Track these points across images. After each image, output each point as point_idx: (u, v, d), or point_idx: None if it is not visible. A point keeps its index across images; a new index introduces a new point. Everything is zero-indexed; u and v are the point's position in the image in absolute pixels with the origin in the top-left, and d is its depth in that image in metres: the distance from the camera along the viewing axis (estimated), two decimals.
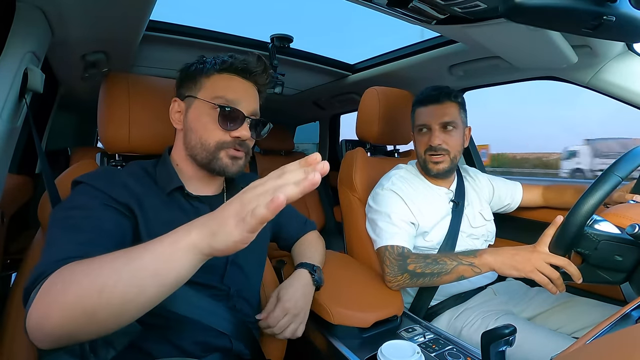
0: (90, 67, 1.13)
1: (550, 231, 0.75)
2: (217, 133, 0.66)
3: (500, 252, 0.80)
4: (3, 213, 0.95)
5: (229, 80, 0.68)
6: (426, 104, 1.02)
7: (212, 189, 0.73)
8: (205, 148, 0.66)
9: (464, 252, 0.86)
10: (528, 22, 0.67)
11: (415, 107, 1.06)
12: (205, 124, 0.66)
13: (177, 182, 0.67)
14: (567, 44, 0.93)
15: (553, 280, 0.73)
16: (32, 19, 0.69)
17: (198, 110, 0.67)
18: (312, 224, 0.99)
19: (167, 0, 1.91)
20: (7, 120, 0.63)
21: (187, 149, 0.69)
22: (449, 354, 0.69)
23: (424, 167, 1.04)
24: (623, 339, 0.36)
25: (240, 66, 0.68)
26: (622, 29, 0.63)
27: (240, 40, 1.36)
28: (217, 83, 0.67)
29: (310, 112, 2.38)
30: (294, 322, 0.69)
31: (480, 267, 0.81)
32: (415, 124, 1.06)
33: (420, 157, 1.05)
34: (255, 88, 0.72)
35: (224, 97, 0.66)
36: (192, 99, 0.68)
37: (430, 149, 1.00)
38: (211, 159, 0.66)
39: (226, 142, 0.66)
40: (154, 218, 0.61)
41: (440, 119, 0.99)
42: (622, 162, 0.70)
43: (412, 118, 1.09)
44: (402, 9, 0.82)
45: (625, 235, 0.66)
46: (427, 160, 1.02)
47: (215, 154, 0.66)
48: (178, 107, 0.70)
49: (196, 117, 0.67)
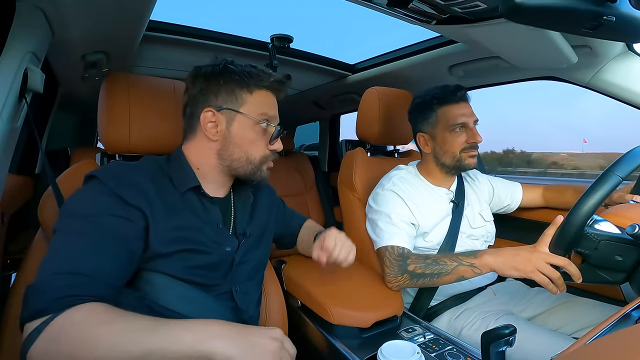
0: (90, 67, 1.13)
1: (550, 231, 0.75)
2: (262, 148, 0.70)
3: (500, 252, 0.80)
4: (3, 213, 0.95)
5: (267, 96, 0.71)
6: (457, 101, 1.00)
7: (222, 191, 0.74)
8: (251, 162, 0.69)
9: (465, 252, 0.86)
10: (528, 22, 0.67)
11: (440, 105, 1.01)
12: (252, 140, 0.69)
13: (195, 182, 0.67)
14: (567, 44, 0.93)
15: (554, 280, 0.73)
16: (32, 19, 0.69)
17: (243, 125, 0.68)
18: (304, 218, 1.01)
19: (167, 0, 1.92)
20: (7, 120, 0.63)
21: (225, 160, 0.69)
22: (449, 354, 0.69)
23: (458, 166, 1.02)
24: (623, 339, 0.36)
25: (277, 86, 0.72)
26: (622, 29, 0.63)
27: (241, 40, 1.36)
28: (261, 99, 0.69)
29: (310, 112, 2.38)
30: (345, 246, 0.77)
31: (481, 268, 0.81)
32: (449, 123, 1.00)
33: (454, 157, 1.01)
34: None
35: (267, 113, 0.69)
36: (233, 112, 0.67)
37: (467, 147, 1.00)
38: (255, 172, 0.70)
39: (268, 156, 0.71)
40: (166, 220, 0.61)
41: (473, 116, 1.00)
42: (623, 161, 0.70)
43: (433, 117, 1.03)
44: (402, 9, 0.82)
45: (625, 236, 0.66)
46: (464, 158, 1.01)
47: (259, 167, 0.70)
48: (213, 118, 0.67)
49: (242, 133, 0.68)
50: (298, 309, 0.91)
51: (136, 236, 0.57)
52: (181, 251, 0.61)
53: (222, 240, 0.68)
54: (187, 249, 0.62)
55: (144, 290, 0.59)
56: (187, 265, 0.62)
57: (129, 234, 0.56)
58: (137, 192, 0.59)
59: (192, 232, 0.63)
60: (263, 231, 0.79)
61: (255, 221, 0.77)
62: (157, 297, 0.59)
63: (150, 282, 0.60)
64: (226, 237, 0.69)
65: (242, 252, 0.71)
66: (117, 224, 0.56)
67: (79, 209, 0.56)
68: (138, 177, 0.62)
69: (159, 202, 0.61)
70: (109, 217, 0.55)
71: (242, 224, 0.74)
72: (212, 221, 0.68)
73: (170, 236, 0.60)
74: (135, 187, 0.60)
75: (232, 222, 0.73)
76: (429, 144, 1.05)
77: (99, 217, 0.55)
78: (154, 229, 0.59)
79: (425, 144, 1.06)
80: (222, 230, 0.69)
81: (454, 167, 1.03)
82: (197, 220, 0.65)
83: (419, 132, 1.07)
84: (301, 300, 0.91)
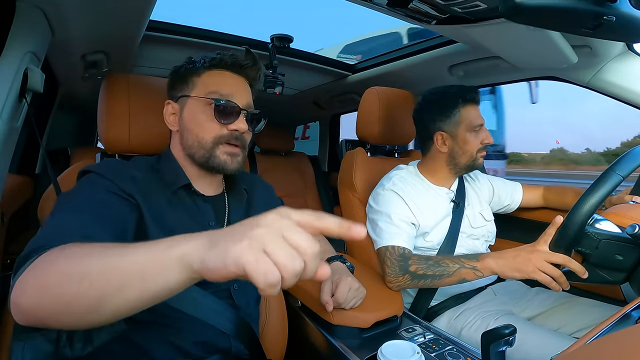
0: (90, 67, 1.13)
1: (551, 230, 0.74)
2: (214, 128, 0.65)
3: (501, 255, 0.80)
4: (3, 213, 0.95)
5: (220, 75, 0.68)
6: (478, 102, 1.02)
7: (213, 189, 0.73)
8: (202, 145, 0.66)
9: (467, 255, 0.85)
10: (528, 22, 0.67)
11: (464, 104, 1.00)
12: (202, 122, 0.66)
13: (185, 180, 0.67)
14: (567, 44, 0.93)
15: (555, 278, 0.73)
16: (32, 19, 0.69)
17: (193, 109, 0.67)
18: None
19: (167, 0, 1.90)
20: (7, 120, 0.63)
21: (185, 149, 0.69)
22: (449, 354, 0.69)
23: (472, 165, 1.03)
24: (623, 339, 0.36)
25: (229, 61, 0.69)
26: (622, 29, 0.63)
27: (241, 40, 1.36)
28: (209, 79, 0.68)
29: (310, 112, 2.38)
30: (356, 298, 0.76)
31: (483, 271, 0.81)
32: (473, 123, 0.99)
33: (472, 157, 1.01)
34: (246, 82, 0.72)
35: (218, 91, 0.66)
36: (185, 98, 0.68)
37: (482, 148, 1.01)
38: (209, 157, 0.66)
39: (223, 136, 0.66)
40: (159, 218, 0.61)
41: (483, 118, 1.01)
42: (623, 161, 0.70)
43: (456, 116, 1.00)
44: (402, 9, 0.82)
45: (626, 235, 0.66)
46: (478, 157, 1.02)
47: (213, 150, 0.66)
48: (172, 109, 0.70)
49: (192, 116, 0.67)
50: (298, 309, 0.91)
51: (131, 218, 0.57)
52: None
53: None
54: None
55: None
56: None
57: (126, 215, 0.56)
58: (133, 183, 0.60)
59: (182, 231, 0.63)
60: None
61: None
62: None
63: None
64: None
65: None
66: (116, 202, 0.56)
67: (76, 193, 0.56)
68: (133, 171, 0.62)
69: (153, 200, 0.61)
70: (107, 193, 0.55)
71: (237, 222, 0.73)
72: (204, 220, 0.68)
73: (161, 231, 0.60)
74: (132, 179, 0.60)
75: (225, 220, 0.72)
76: (447, 142, 1.02)
77: (98, 195, 0.55)
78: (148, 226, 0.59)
79: (443, 143, 1.02)
80: (214, 228, 0.68)
81: (467, 166, 1.04)
82: (188, 220, 0.65)
83: (437, 131, 1.02)
84: (301, 300, 0.90)
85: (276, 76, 1.36)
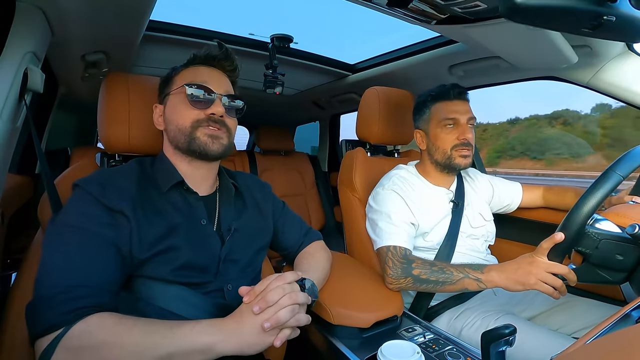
0: (90, 67, 1.13)
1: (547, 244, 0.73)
2: (190, 114, 0.68)
3: (504, 268, 0.80)
4: (3, 213, 0.95)
5: (195, 70, 0.72)
6: (451, 98, 1.00)
7: (206, 188, 0.74)
8: (182, 131, 0.68)
9: (471, 265, 0.84)
10: (528, 22, 0.67)
11: (434, 102, 1.03)
12: (180, 110, 0.68)
13: (178, 177, 0.69)
14: (567, 44, 0.93)
15: (557, 288, 0.73)
16: (32, 19, 0.69)
17: (173, 103, 0.71)
18: (315, 234, 0.93)
19: (167, 0, 1.90)
20: (7, 120, 0.63)
21: (172, 142, 0.71)
22: (449, 354, 0.69)
23: (448, 164, 1.01)
24: (623, 339, 0.36)
25: (202, 55, 0.73)
26: (622, 29, 0.63)
27: (241, 40, 1.36)
28: (186, 74, 0.71)
29: (310, 112, 2.38)
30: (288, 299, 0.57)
31: (487, 284, 0.81)
32: (440, 118, 1.00)
33: (445, 154, 1.01)
34: (223, 74, 0.75)
35: (193, 81, 0.69)
36: (167, 97, 0.72)
37: (458, 145, 0.99)
38: (190, 140, 0.67)
39: (201, 120, 0.68)
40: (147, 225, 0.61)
41: (467, 114, 1.00)
42: (624, 160, 0.70)
43: (427, 114, 1.05)
44: (402, 9, 0.82)
45: (626, 235, 0.66)
46: (454, 156, 1.00)
47: (193, 134, 0.67)
48: (159, 111, 0.74)
49: (172, 109, 0.70)
50: None
51: (123, 242, 0.59)
52: (163, 251, 0.61)
53: (207, 237, 0.67)
54: (170, 247, 0.62)
55: (138, 293, 0.61)
56: (173, 267, 0.62)
57: (116, 240, 0.58)
58: (121, 196, 0.61)
59: (175, 231, 0.64)
60: (256, 228, 0.78)
61: (244, 216, 0.76)
62: (151, 298, 0.61)
63: (143, 285, 0.61)
64: (210, 233, 0.68)
65: (228, 248, 0.69)
66: (103, 231, 0.57)
67: (65, 219, 0.58)
68: (122, 181, 0.64)
69: (143, 205, 0.62)
70: (95, 225, 0.57)
71: (228, 218, 0.73)
72: (196, 218, 0.68)
73: (152, 239, 0.61)
74: (120, 192, 0.61)
75: (216, 217, 0.72)
76: (423, 140, 1.08)
77: (85, 225, 0.57)
78: (137, 234, 0.59)
79: (421, 141, 1.08)
80: (207, 226, 0.69)
81: (444, 164, 1.03)
82: (181, 219, 0.65)
83: (415, 129, 1.10)
84: None
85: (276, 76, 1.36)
